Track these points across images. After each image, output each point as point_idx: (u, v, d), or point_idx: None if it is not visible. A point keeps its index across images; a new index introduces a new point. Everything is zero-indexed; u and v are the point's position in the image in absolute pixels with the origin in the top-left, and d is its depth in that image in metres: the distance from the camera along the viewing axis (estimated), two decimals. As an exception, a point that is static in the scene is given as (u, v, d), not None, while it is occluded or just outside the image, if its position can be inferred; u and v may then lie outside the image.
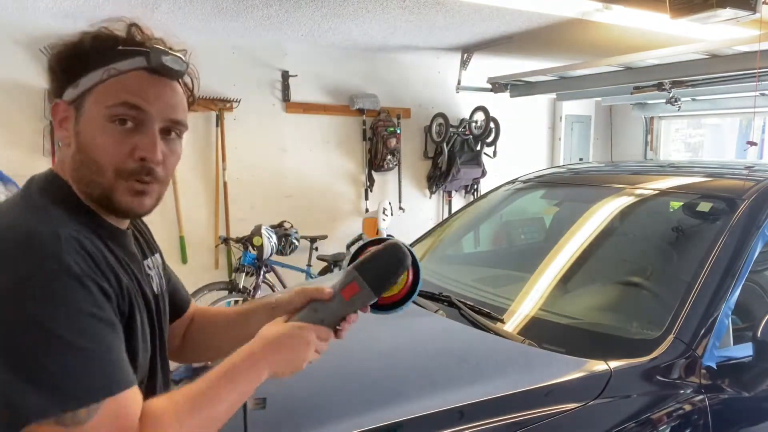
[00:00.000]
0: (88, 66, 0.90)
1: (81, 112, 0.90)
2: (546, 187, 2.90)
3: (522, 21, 4.04)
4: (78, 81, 0.90)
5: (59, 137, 0.94)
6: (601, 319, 1.95)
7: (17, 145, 4.03)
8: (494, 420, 1.36)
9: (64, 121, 0.93)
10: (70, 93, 0.91)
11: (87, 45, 0.93)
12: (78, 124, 0.91)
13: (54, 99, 0.93)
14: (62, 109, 0.92)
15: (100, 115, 0.89)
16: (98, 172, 0.91)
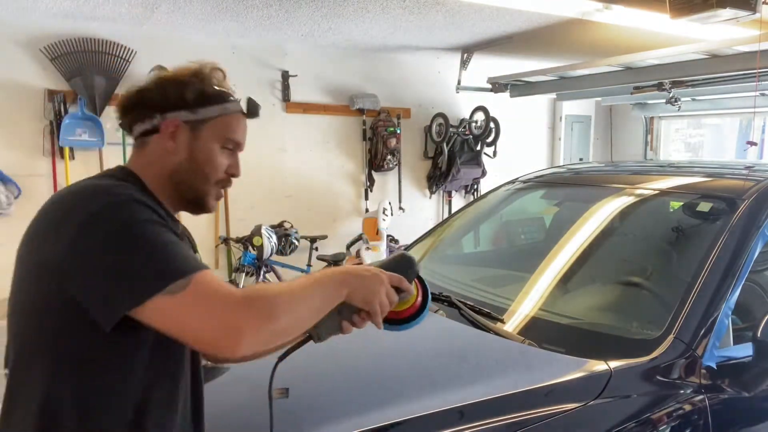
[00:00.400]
0: (206, 101, 1.16)
1: (198, 134, 1.16)
2: (546, 187, 2.90)
3: (522, 21, 4.05)
4: (197, 109, 1.15)
5: (165, 146, 1.14)
6: (601, 319, 1.95)
7: (17, 145, 4.03)
8: (494, 420, 1.36)
9: (175, 135, 1.14)
10: (186, 115, 1.14)
11: (208, 84, 1.17)
12: (195, 141, 1.16)
13: (157, 112, 1.14)
14: (176, 125, 1.14)
15: (216, 141, 1.18)
16: (203, 179, 1.18)
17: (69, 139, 4.05)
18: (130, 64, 4.26)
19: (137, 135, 1.17)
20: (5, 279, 3.63)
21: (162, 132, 1.14)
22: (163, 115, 1.14)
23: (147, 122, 1.15)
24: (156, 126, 1.14)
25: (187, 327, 0.96)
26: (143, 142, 1.17)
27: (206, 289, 0.96)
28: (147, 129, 1.15)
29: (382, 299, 1.11)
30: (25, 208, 4.05)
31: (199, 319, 0.96)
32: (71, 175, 4.14)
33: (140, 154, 1.17)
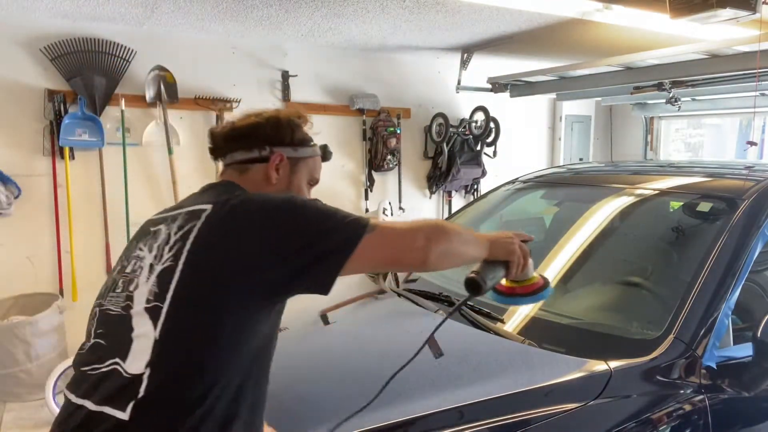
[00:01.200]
0: (305, 143, 1.41)
1: (295, 169, 1.39)
2: (546, 187, 2.90)
3: (522, 21, 4.05)
4: (298, 148, 1.39)
5: (268, 174, 1.34)
6: (601, 319, 1.95)
7: (17, 145, 4.03)
8: (494, 420, 1.36)
9: (278, 167, 1.35)
10: (290, 151, 1.37)
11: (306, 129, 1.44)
12: (293, 174, 1.38)
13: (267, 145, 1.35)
14: (281, 158, 1.36)
15: (306, 177, 1.41)
16: None
17: (69, 139, 4.04)
18: (130, 64, 4.26)
19: (238, 161, 1.35)
20: (5, 279, 3.67)
21: (270, 163, 1.34)
22: (272, 149, 1.34)
23: (255, 151, 1.35)
24: (264, 156, 1.34)
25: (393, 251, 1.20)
26: (244, 168, 1.35)
27: (386, 223, 1.23)
28: (254, 157, 1.34)
29: (519, 250, 1.42)
30: (25, 208, 4.05)
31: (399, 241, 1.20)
32: (71, 175, 4.14)
33: (241, 177, 1.35)
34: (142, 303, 1.14)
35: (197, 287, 1.12)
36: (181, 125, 4.49)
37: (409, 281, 2.40)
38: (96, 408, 1.09)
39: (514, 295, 1.43)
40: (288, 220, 1.15)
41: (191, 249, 1.14)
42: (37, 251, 4.10)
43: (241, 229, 1.15)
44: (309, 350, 1.81)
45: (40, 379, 3.55)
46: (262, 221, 1.15)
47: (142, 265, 1.20)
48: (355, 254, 1.13)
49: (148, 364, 1.08)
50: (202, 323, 1.11)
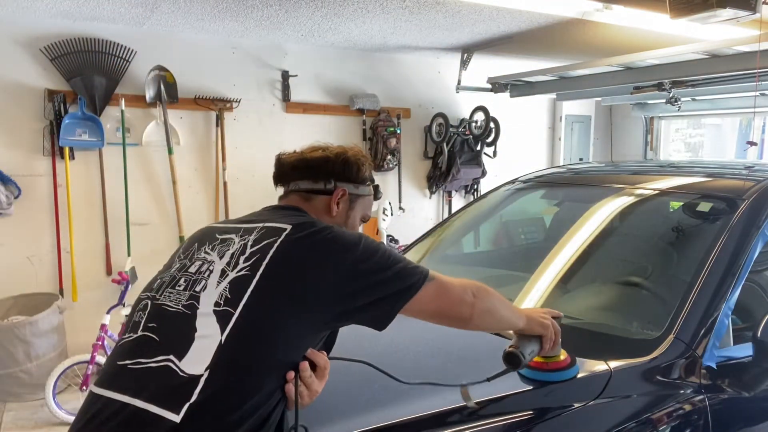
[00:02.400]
0: (364, 182, 1.50)
1: (353, 205, 1.49)
2: (546, 187, 2.90)
3: (522, 21, 4.05)
4: (359, 186, 1.49)
5: (330, 207, 1.44)
6: (601, 319, 1.95)
7: (17, 145, 4.04)
8: (494, 420, 1.36)
9: (340, 201, 1.45)
10: (351, 188, 1.47)
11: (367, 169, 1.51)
12: (351, 210, 1.48)
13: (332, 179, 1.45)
14: (344, 193, 1.45)
15: (360, 214, 1.51)
16: None
17: (69, 139, 4.05)
18: (130, 64, 4.26)
19: (304, 189, 1.46)
20: (5, 279, 3.67)
21: (333, 196, 1.44)
22: (336, 183, 1.45)
23: (320, 183, 1.45)
24: (329, 189, 1.44)
25: (445, 304, 1.30)
26: (309, 197, 1.45)
27: (443, 277, 1.31)
28: (319, 188, 1.44)
29: (552, 325, 1.47)
30: (25, 208, 4.05)
31: (451, 297, 1.30)
32: (71, 175, 4.14)
33: (304, 204, 1.44)
34: (210, 305, 1.15)
35: (271, 300, 1.16)
36: (181, 125, 4.49)
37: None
38: (143, 405, 1.06)
39: (543, 370, 1.48)
40: (363, 259, 1.23)
41: (269, 263, 1.19)
42: (37, 251, 4.10)
43: (319, 255, 1.22)
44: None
45: (40, 379, 3.55)
46: (340, 254, 1.23)
47: (212, 269, 1.22)
48: (414, 300, 1.24)
49: (208, 367, 1.07)
50: (268, 334, 1.14)
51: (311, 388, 1.19)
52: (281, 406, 1.17)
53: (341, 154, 1.47)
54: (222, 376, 1.08)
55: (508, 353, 1.40)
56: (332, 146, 1.51)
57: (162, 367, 1.09)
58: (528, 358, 1.41)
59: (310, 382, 1.18)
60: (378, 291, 1.22)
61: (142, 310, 1.22)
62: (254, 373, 1.11)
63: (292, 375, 1.15)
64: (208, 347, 1.09)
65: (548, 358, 1.48)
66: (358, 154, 1.50)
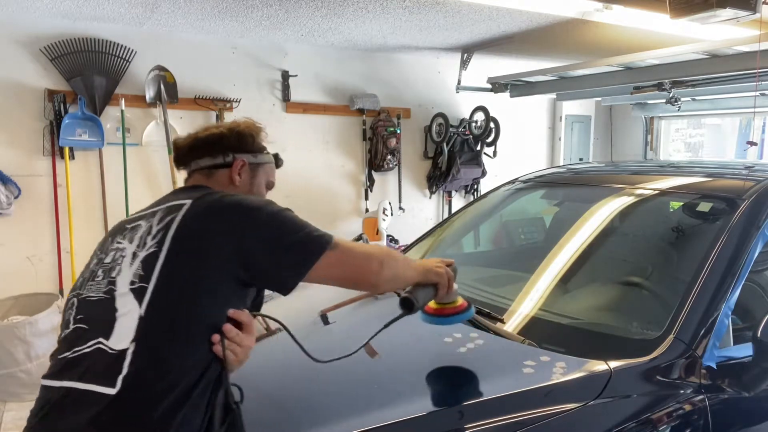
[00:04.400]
0: (263, 150, 1.59)
1: (255, 173, 1.56)
2: (546, 187, 2.90)
3: (522, 21, 4.05)
4: (257, 155, 1.56)
5: (232, 178, 1.50)
6: (601, 319, 1.94)
7: (17, 145, 4.04)
8: (494, 420, 1.36)
9: (241, 171, 1.52)
10: (250, 158, 1.54)
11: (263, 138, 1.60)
12: (253, 178, 1.55)
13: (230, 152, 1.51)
14: (243, 163, 1.52)
15: (264, 181, 1.59)
16: None
17: (69, 139, 4.05)
18: (130, 64, 4.26)
19: (204, 167, 1.50)
20: (6, 279, 3.66)
21: (233, 167, 1.50)
22: (235, 155, 1.51)
23: (220, 158, 1.50)
24: (228, 162, 1.50)
25: (349, 270, 1.34)
26: (210, 173, 1.50)
27: (347, 242, 1.35)
28: (218, 163, 1.49)
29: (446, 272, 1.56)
30: (25, 208, 4.05)
31: (355, 263, 1.35)
32: (71, 175, 4.15)
33: (207, 181, 1.49)
34: (126, 285, 1.23)
35: (180, 269, 1.23)
36: (181, 125, 4.49)
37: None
38: (83, 387, 1.14)
39: (440, 315, 1.61)
40: (265, 223, 1.28)
41: (174, 236, 1.26)
42: (37, 251, 4.10)
43: (220, 219, 1.27)
44: (309, 350, 1.81)
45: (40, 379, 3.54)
46: (241, 216, 1.28)
47: (124, 254, 1.29)
48: (317, 266, 1.27)
49: (133, 340, 1.16)
50: (184, 301, 1.20)
51: (242, 344, 1.24)
52: (215, 367, 1.21)
53: (234, 127, 1.54)
54: (147, 346, 1.16)
55: (403, 298, 1.48)
56: (226, 123, 1.58)
57: (94, 350, 1.18)
58: (421, 302, 1.50)
59: (239, 340, 1.24)
60: (280, 255, 1.26)
61: (71, 308, 1.31)
62: (177, 339, 1.18)
63: (218, 337, 1.20)
64: (130, 322, 1.18)
65: (445, 304, 1.60)
66: (251, 125, 1.56)
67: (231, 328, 1.23)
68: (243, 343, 1.25)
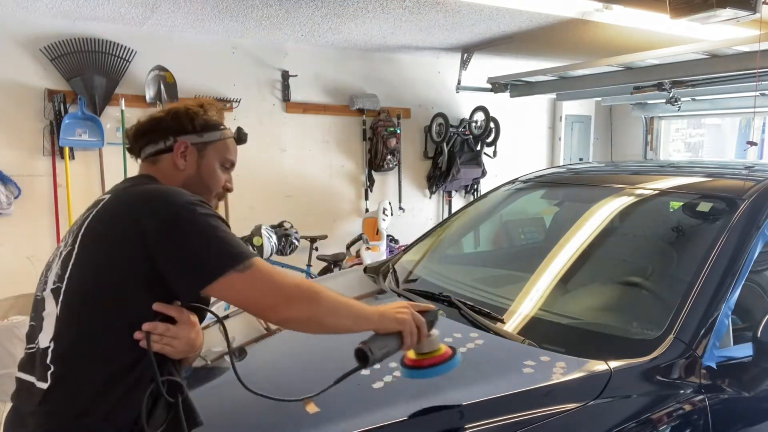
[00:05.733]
0: (210, 128, 1.46)
1: (203, 154, 1.44)
2: (546, 187, 2.90)
3: (522, 21, 4.05)
4: (203, 134, 1.44)
5: (176, 162, 1.40)
6: (601, 319, 1.94)
7: (17, 145, 4.04)
8: (494, 420, 1.36)
9: (185, 153, 1.41)
10: (194, 138, 1.42)
11: (210, 115, 1.46)
12: (201, 159, 1.44)
13: (170, 135, 1.41)
14: (186, 145, 1.41)
15: (217, 161, 1.47)
16: (207, 191, 1.44)
17: (69, 139, 4.05)
18: (130, 64, 4.26)
19: (149, 154, 1.42)
20: (5, 279, 3.66)
21: (174, 151, 1.40)
22: (176, 138, 1.41)
23: (161, 143, 1.41)
24: (169, 146, 1.40)
25: (252, 296, 1.22)
26: (155, 160, 1.42)
27: (266, 268, 1.24)
28: (160, 149, 1.41)
29: (411, 321, 1.35)
30: (25, 208, 4.05)
31: (262, 290, 1.22)
32: (71, 175, 4.14)
33: (153, 168, 1.42)
34: (50, 285, 1.27)
35: (86, 269, 1.23)
36: (181, 125, 4.48)
37: (409, 281, 2.40)
38: (30, 379, 1.24)
39: (419, 368, 1.39)
40: (176, 224, 1.20)
41: (84, 233, 1.26)
42: (37, 251, 4.10)
43: (127, 217, 1.23)
44: (309, 350, 1.81)
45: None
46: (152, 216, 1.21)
47: (57, 252, 1.33)
48: (216, 284, 1.19)
49: (52, 339, 1.21)
50: (92, 299, 1.21)
51: (177, 337, 1.23)
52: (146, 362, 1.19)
53: (173, 109, 1.45)
54: (63, 345, 1.20)
55: (356, 349, 1.31)
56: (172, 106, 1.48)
57: (36, 347, 1.25)
58: (378, 354, 1.30)
59: (172, 333, 1.22)
60: (180, 262, 1.19)
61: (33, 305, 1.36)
62: (91, 337, 1.20)
63: (141, 335, 1.19)
64: (50, 322, 1.23)
65: (424, 354, 1.39)
66: (192, 104, 1.45)
67: (156, 324, 1.20)
68: (178, 335, 1.22)
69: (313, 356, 1.77)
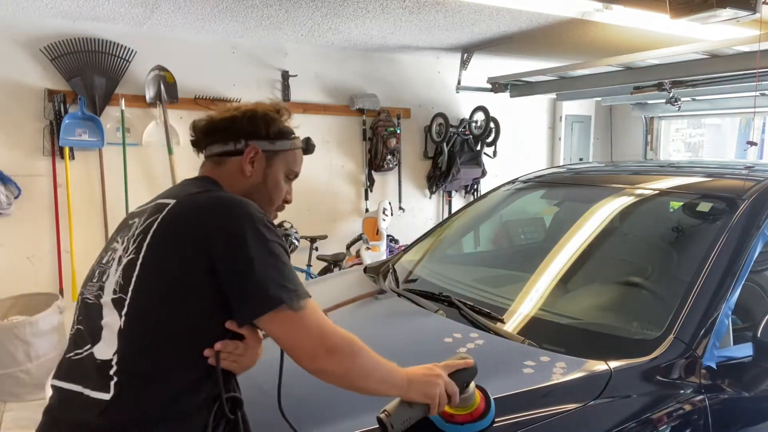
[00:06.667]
0: (282, 136, 1.39)
1: (271, 162, 1.38)
2: (546, 187, 2.90)
3: (522, 21, 4.05)
4: (275, 141, 1.38)
5: (243, 168, 1.35)
6: (601, 319, 1.94)
7: (17, 145, 4.04)
8: (494, 420, 1.36)
9: (254, 160, 1.36)
10: (265, 145, 1.37)
11: (284, 122, 1.40)
12: (269, 168, 1.38)
13: (242, 138, 1.35)
14: (256, 151, 1.36)
15: (283, 171, 1.41)
16: (269, 202, 1.40)
17: (69, 139, 4.05)
18: (130, 64, 4.26)
19: (215, 154, 1.38)
20: (5, 279, 3.66)
21: (244, 156, 1.35)
22: (247, 142, 1.35)
23: (231, 144, 1.36)
24: (239, 150, 1.35)
25: (296, 338, 1.16)
26: (221, 161, 1.37)
27: (317, 314, 1.18)
28: (229, 150, 1.35)
29: (441, 392, 1.25)
30: (25, 208, 4.05)
31: (308, 335, 1.16)
32: (71, 175, 4.14)
33: (216, 170, 1.37)
34: (110, 294, 1.19)
35: (154, 284, 1.17)
36: (181, 125, 4.49)
37: (409, 281, 2.40)
38: (80, 390, 1.16)
39: (454, 423, 1.32)
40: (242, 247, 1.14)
41: (150, 243, 1.18)
42: (37, 251, 4.10)
43: (196, 229, 1.17)
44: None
45: (40, 379, 3.55)
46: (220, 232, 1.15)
47: (114, 256, 1.25)
48: (267, 317, 1.14)
49: (115, 352, 1.15)
50: (159, 316, 1.15)
51: (244, 354, 1.22)
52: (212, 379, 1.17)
53: (249, 111, 1.38)
54: (128, 359, 1.14)
55: (377, 418, 1.25)
56: (246, 105, 1.41)
57: (88, 355, 1.18)
58: (399, 428, 1.23)
59: (240, 351, 1.21)
60: (239, 287, 1.15)
61: (78, 306, 1.30)
62: (159, 354, 1.15)
63: (210, 353, 1.16)
64: (112, 334, 1.16)
65: (458, 409, 1.32)
66: (269, 108, 1.39)
67: (227, 343, 1.18)
68: (245, 353, 1.21)
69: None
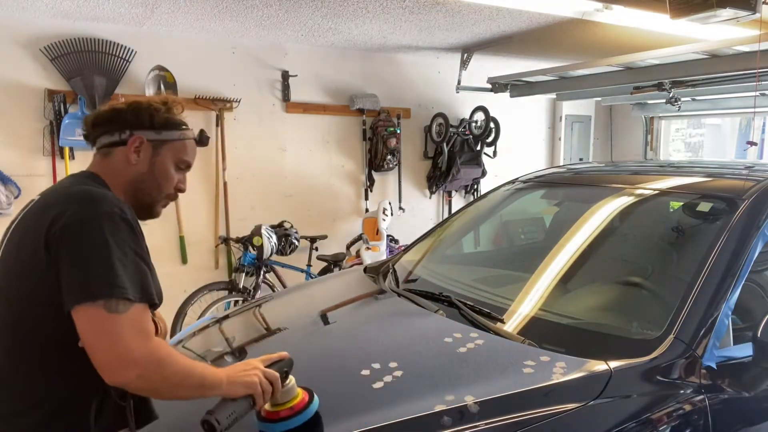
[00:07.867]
0: (169, 126, 1.41)
1: (158, 151, 1.40)
2: (546, 187, 2.90)
3: (522, 21, 4.05)
4: (161, 131, 1.40)
5: (128, 157, 1.37)
6: (601, 319, 1.95)
7: (17, 145, 4.03)
8: (494, 420, 1.36)
9: (139, 149, 1.38)
10: (151, 135, 1.38)
11: (172, 113, 1.42)
12: (155, 156, 1.40)
13: (127, 129, 1.37)
14: (141, 141, 1.38)
15: (172, 161, 1.42)
16: (157, 190, 1.42)
17: (69, 139, 4.04)
18: (130, 64, 4.26)
19: (103, 145, 1.40)
20: (5, 279, 3.47)
21: (128, 145, 1.37)
22: (132, 132, 1.37)
23: (116, 135, 1.38)
24: (124, 139, 1.37)
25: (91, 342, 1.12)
26: (108, 152, 1.40)
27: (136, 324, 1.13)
28: (115, 141, 1.38)
29: (261, 380, 1.28)
30: (25, 208, 4.05)
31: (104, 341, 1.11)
32: (71, 175, 4.14)
33: (103, 162, 1.40)
34: None
35: (7, 278, 1.23)
36: (181, 125, 4.48)
37: (409, 281, 2.40)
38: None
39: (275, 420, 1.34)
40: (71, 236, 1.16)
41: (7, 241, 1.26)
42: (37, 251, 4.10)
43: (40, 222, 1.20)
44: (309, 350, 1.81)
45: None
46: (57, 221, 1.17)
47: None
48: (76, 310, 1.12)
49: None
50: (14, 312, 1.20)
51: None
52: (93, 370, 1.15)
53: (134, 102, 1.40)
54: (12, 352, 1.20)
55: (201, 421, 1.23)
56: (137, 98, 1.45)
57: None
58: (226, 422, 1.23)
59: None
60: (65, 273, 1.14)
61: None
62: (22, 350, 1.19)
63: None
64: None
65: (281, 405, 1.34)
66: (155, 100, 1.41)
67: None
68: None
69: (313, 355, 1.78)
